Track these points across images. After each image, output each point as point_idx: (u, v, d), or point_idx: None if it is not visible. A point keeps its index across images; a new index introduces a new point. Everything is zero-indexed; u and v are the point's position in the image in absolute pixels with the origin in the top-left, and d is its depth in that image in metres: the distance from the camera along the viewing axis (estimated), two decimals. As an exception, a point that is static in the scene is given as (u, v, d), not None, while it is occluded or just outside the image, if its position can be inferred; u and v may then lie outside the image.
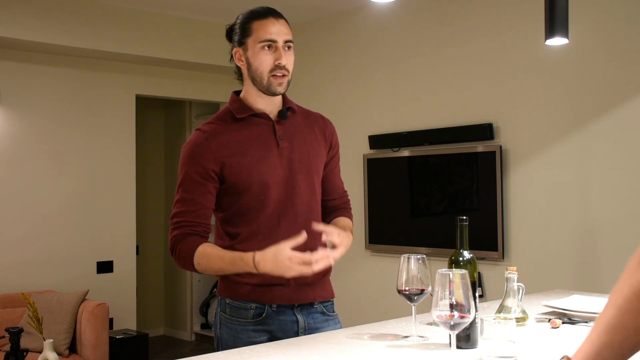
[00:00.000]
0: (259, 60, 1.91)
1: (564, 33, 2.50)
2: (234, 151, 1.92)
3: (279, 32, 1.91)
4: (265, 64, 1.91)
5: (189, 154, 1.94)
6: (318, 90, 5.25)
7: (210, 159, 1.90)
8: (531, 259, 3.96)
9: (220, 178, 1.93)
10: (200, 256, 1.88)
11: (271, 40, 1.90)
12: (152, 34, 5.10)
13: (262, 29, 1.90)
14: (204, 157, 1.91)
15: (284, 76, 1.92)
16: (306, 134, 2.03)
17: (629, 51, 3.63)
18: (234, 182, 1.91)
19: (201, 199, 1.92)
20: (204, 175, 1.91)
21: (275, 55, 1.91)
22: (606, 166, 3.70)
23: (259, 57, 1.91)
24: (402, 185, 4.69)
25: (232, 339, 1.93)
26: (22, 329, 3.42)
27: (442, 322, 1.42)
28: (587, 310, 2.08)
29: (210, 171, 1.91)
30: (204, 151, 1.91)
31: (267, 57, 1.91)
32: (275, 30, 1.90)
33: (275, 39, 1.90)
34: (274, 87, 1.93)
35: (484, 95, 4.26)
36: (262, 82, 1.93)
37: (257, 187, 1.92)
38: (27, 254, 4.84)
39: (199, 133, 1.95)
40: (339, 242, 1.85)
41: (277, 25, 1.91)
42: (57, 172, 5.00)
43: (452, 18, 4.46)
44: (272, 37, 1.90)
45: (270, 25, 1.90)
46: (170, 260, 6.66)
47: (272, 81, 1.92)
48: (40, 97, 4.94)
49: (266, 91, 1.94)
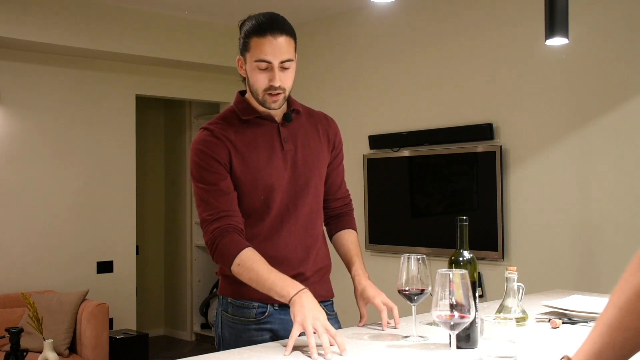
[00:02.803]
0: (254, 78, 1.90)
1: (564, 33, 2.50)
2: (240, 152, 1.91)
3: (275, 53, 1.85)
4: (260, 83, 1.89)
5: (201, 151, 1.91)
6: (318, 90, 5.24)
7: (221, 154, 1.89)
8: (531, 259, 3.96)
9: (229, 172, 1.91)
10: (245, 258, 1.82)
11: (266, 61, 1.86)
12: (152, 34, 5.10)
13: (258, 48, 1.85)
14: (216, 151, 1.89)
15: (278, 94, 1.90)
16: (310, 135, 2.03)
17: (629, 51, 3.63)
18: (240, 183, 1.91)
19: (227, 188, 1.89)
20: (220, 167, 1.89)
21: (269, 76, 1.87)
22: (606, 166, 3.70)
23: (254, 74, 1.89)
24: (402, 185, 4.69)
25: (234, 338, 1.93)
26: (22, 329, 3.42)
27: (442, 322, 1.42)
28: (587, 310, 2.07)
29: (224, 164, 1.90)
30: (215, 147, 1.90)
31: (261, 77, 1.88)
32: (271, 50, 1.85)
33: (270, 60, 1.85)
34: (268, 104, 1.92)
35: (484, 95, 4.26)
36: (257, 97, 1.92)
37: (262, 189, 1.92)
38: (27, 254, 4.84)
39: (207, 131, 1.94)
40: (392, 305, 1.91)
41: (275, 45, 1.85)
42: (57, 173, 5.00)
43: (452, 18, 4.45)
44: (266, 59, 1.85)
45: (267, 45, 1.84)
46: (170, 260, 6.71)
47: (267, 98, 1.91)
48: (40, 97, 4.94)
49: (262, 105, 1.94)
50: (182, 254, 6.55)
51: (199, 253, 6.45)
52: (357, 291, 1.99)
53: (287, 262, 1.91)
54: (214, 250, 1.88)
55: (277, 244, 1.94)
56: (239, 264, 1.83)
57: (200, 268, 6.46)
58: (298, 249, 1.97)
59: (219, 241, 1.85)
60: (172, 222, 6.73)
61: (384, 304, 1.92)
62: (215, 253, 1.88)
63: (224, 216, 1.87)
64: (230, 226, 1.87)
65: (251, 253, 1.84)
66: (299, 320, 1.68)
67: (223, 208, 1.88)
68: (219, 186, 1.89)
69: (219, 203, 1.88)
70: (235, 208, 1.90)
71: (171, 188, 6.75)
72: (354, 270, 2.03)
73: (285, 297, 1.75)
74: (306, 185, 1.98)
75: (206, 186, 1.89)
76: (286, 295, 1.75)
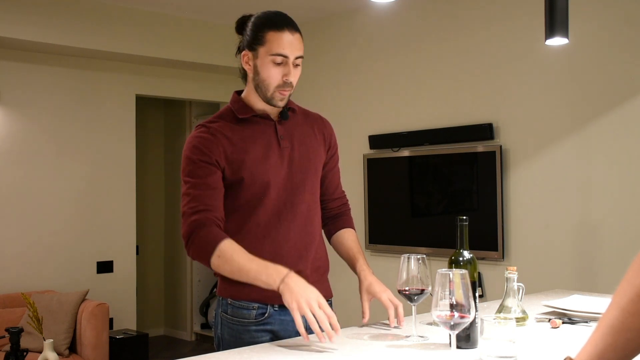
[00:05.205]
0: (267, 72, 1.89)
1: (564, 33, 2.50)
2: (236, 148, 1.91)
3: (292, 48, 1.87)
4: (274, 78, 1.89)
5: (194, 146, 1.90)
6: (318, 90, 5.24)
7: (215, 151, 1.88)
8: (531, 259, 3.96)
9: (222, 172, 1.91)
10: (225, 249, 1.80)
11: (283, 55, 1.87)
12: (152, 34, 5.10)
13: (276, 41, 1.86)
14: (209, 148, 1.88)
15: (287, 91, 1.92)
16: (306, 134, 2.04)
17: (629, 51, 3.63)
18: (236, 179, 1.90)
19: (214, 183, 1.88)
20: (211, 163, 1.88)
21: (284, 71, 1.88)
22: (606, 166, 3.70)
23: (267, 69, 1.88)
24: (402, 185, 4.69)
25: (233, 340, 1.93)
26: (22, 329, 3.42)
27: (442, 322, 1.42)
28: (587, 310, 2.07)
29: (217, 161, 1.88)
30: (209, 143, 1.89)
31: (275, 71, 1.88)
32: (289, 45, 1.87)
33: (287, 54, 1.87)
34: (275, 101, 1.92)
35: (484, 95, 4.26)
36: (266, 93, 1.91)
37: (258, 185, 1.91)
38: (27, 254, 4.84)
39: (203, 128, 1.93)
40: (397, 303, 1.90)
41: (292, 40, 1.87)
42: (57, 173, 5.00)
43: (452, 18, 4.45)
44: (284, 52, 1.87)
45: (284, 38, 1.86)
46: (170, 260, 6.70)
47: (276, 95, 1.91)
48: (40, 97, 4.93)
49: (267, 102, 1.93)
50: (182, 254, 6.54)
51: (199, 253, 6.43)
52: (363, 286, 1.98)
53: (285, 259, 1.90)
54: (191, 244, 1.84)
55: (275, 240, 1.93)
56: (218, 256, 1.80)
57: (200, 268, 6.46)
58: (296, 245, 1.96)
59: (196, 235, 1.83)
60: (172, 222, 6.73)
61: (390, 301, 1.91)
62: (192, 246, 1.84)
63: (204, 209, 1.85)
64: (208, 219, 1.84)
65: (230, 244, 1.81)
66: (295, 306, 1.68)
67: (206, 202, 1.85)
68: (206, 180, 1.87)
69: (202, 197, 1.86)
70: (219, 205, 1.88)
71: (171, 188, 6.75)
72: (359, 266, 2.03)
73: (272, 285, 1.75)
74: (303, 182, 1.99)
75: (193, 180, 1.88)
76: (273, 283, 1.74)
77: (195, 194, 1.87)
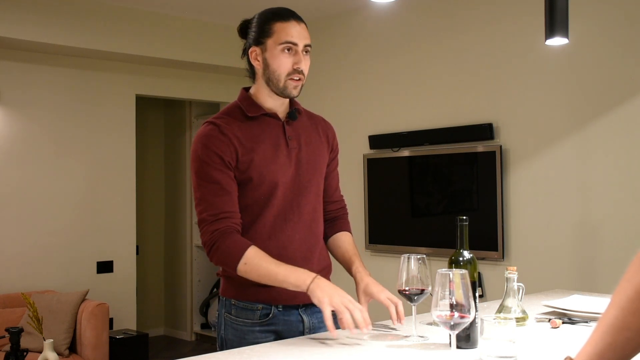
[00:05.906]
0: (278, 62, 1.89)
1: (564, 33, 2.50)
2: (245, 147, 1.90)
3: (300, 36, 1.90)
4: (284, 67, 1.89)
5: (205, 146, 1.88)
6: (318, 90, 5.24)
7: (227, 152, 1.87)
8: (531, 259, 3.96)
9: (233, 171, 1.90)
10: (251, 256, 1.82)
11: (292, 43, 1.89)
12: (152, 34, 5.10)
13: (283, 31, 1.89)
14: (221, 148, 1.87)
15: (299, 80, 1.92)
16: (312, 135, 2.04)
17: (629, 51, 3.63)
18: (244, 179, 1.90)
19: (229, 187, 1.88)
20: (225, 165, 1.87)
21: (294, 59, 1.90)
22: (606, 166, 3.70)
23: (278, 59, 1.89)
24: (402, 185, 4.69)
25: (237, 340, 1.92)
26: (22, 329, 3.42)
27: (442, 322, 1.42)
28: (587, 310, 2.07)
29: (229, 162, 1.88)
30: (221, 144, 1.87)
31: (286, 60, 1.89)
32: (297, 33, 1.89)
33: (296, 41, 1.89)
34: (289, 90, 1.92)
35: (484, 95, 4.26)
36: (278, 84, 1.91)
37: (266, 185, 1.91)
38: (27, 254, 4.84)
39: (211, 126, 1.91)
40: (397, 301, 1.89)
41: (299, 29, 1.90)
42: (57, 173, 5.00)
43: (452, 18, 4.46)
44: (293, 40, 1.89)
45: (292, 27, 1.89)
46: (170, 260, 6.70)
47: (289, 84, 1.91)
48: (40, 97, 4.93)
49: (280, 93, 1.93)
50: (182, 254, 6.55)
51: (199, 253, 6.44)
52: (360, 287, 1.97)
53: (292, 260, 1.90)
54: (215, 252, 1.85)
55: (281, 241, 1.93)
56: (245, 263, 1.82)
57: (200, 268, 6.46)
58: (302, 247, 1.96)
59: (221, 243, 1.84)
60: (172, 222, 6.73)
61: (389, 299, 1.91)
62: (215, 254, 1.86)
63: (223, 217, 1.86)
64: (230, 227, 1.86)
65: (255, 251, 1.83)
66: (327, 301, 1.72)
67: (224, 209, 1.86)
68: (221, 185, 1.87)
69: (220, 203, 1.86)
70: (236, 209, 1.89)
71: (171, 188, 6.75)
72: (355, 268, 2.02)
73: (302, 286, 1.77)
74: (309, 183, 1.99)
75: (208, 184, 1.87)
76: (302, 284, 1.77)
77: (213, 200, 1.87)
